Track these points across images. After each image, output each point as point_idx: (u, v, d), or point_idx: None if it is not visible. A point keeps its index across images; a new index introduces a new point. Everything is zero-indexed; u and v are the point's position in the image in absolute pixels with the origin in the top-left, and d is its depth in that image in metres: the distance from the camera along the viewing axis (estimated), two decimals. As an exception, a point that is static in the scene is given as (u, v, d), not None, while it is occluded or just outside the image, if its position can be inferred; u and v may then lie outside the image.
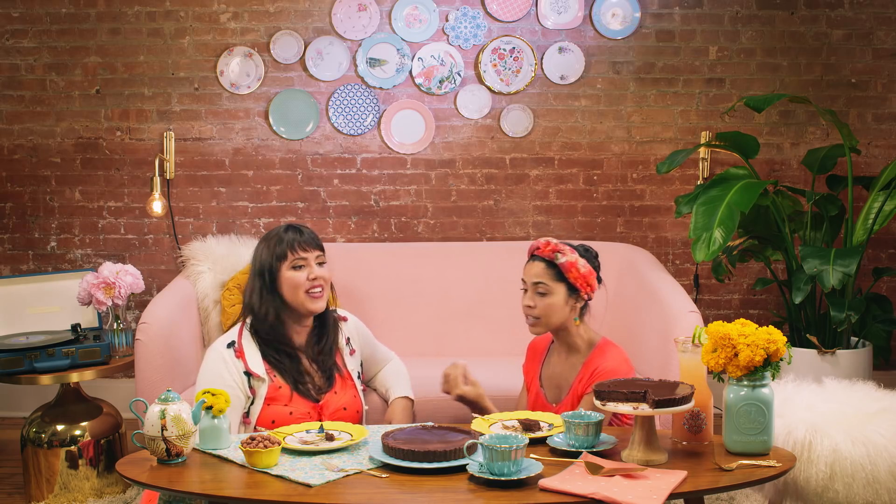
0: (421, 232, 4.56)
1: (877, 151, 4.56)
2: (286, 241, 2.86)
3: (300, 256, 2.86)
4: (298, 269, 2.86)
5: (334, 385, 2.92)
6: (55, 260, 4.57)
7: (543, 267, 2.78)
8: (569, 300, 2.78)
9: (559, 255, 2.76)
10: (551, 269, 2.77)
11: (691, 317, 3.22)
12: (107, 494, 3.53)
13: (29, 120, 4.51)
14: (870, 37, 4.50)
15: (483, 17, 4.46)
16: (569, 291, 2.78)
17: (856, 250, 3.79)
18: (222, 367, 2.83)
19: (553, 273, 2.77)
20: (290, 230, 2.89)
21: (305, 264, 2.86)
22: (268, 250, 2.89)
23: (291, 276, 2.85)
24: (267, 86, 4.47)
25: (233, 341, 2.89)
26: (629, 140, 4.55)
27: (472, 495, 2.21)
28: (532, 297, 2.79)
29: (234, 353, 2.86)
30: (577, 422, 2.44)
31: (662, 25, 4.50)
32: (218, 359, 2.86)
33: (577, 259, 2.77)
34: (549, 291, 2.77)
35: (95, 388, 4.25)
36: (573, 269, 2.76)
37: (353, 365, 3.03)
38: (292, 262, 2.85)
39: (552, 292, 2.77)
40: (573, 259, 2.76)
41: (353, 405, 2.94)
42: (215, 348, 2.89)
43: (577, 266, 2.76)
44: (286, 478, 2.31)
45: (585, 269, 2.77)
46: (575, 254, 2.78)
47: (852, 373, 3.71)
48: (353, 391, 2.97)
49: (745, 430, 2.42)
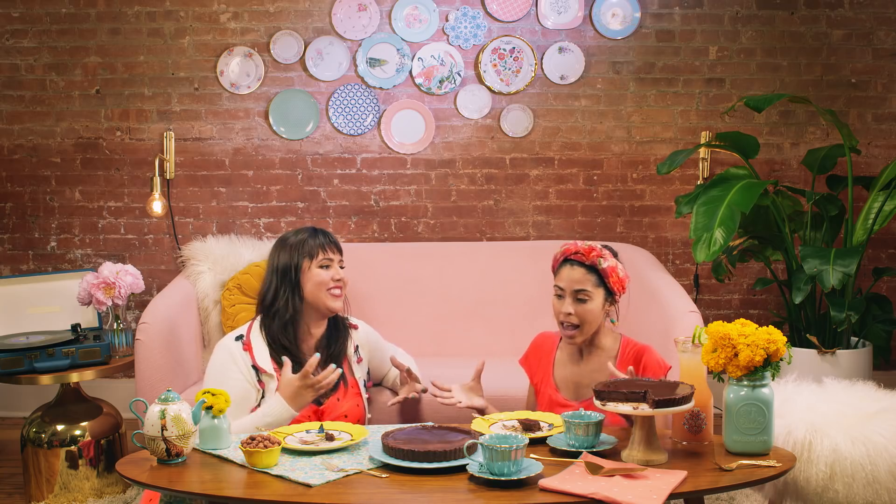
0: (421, 232, 4.56)
1: (877, 151, 4.56)
2: (317, 241, 2.96)
3: (328, 257, 2.96)
4: (324, 269, 2.95)
5: (338, 391, 2.94)
6: (55, 260, 4.57)
7: (584, 272, 2.73)
8: (605, 304, 2.77)
9: (602, 261, 2.73)
10: (592, 274, 2.73)
11: (691, 317, 3.22)
12: (107, 494, 3.53)
13: (29, 120, 4.51)
14: (870, 37, 4.50)
15: (483, 17, 4.46)
16: (606, 296, 2.76)
17: (856, 250, 3.78)
18: (228, 360, 2.88)
19: (594, 279, 2.73)
20: (318, 232, 3.00)
21: (331, 265, 2.96)
22: (294, 249, 2.96)
23: (317, 274, 2.93)
24: (267, 86, 4.47)
25: (241, 335, 2.95)
26: (629, 140, 4.55)
27: (472, 495, 2.21)
28: (572, 304, 2.74)
29: (241, 345, 2.91)
30: (577, 422, 2.44)
31: (662, 25, 4.50)
32: (225, 352, 2.91)
33: (616, 263, 2.75)
34: (589, 297, 2.73)
35: (95, 388, 4.25)
36: (614, 273, 2.74)
37: (360, 373, 3.07)
38: (320, 261, 2.95)
39: (592, 298, 2.74)
40: (614, 264, 2.74)
41: (354, 413, 2.96)
42: (223, 342, 2.95)
43: (617, 271, 2.74)
44: (286, 478, 2.31)
45: (623, 272, 2.76)
46: (613, 257, 2.77)
47: (852, 373, 3.71)
48: (356, 399, 2.99)
49: (745, 430, 2.42)
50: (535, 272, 3.88)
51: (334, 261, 2.97)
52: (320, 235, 2.99)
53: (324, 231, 3.02)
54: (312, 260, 2.94)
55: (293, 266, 2.94)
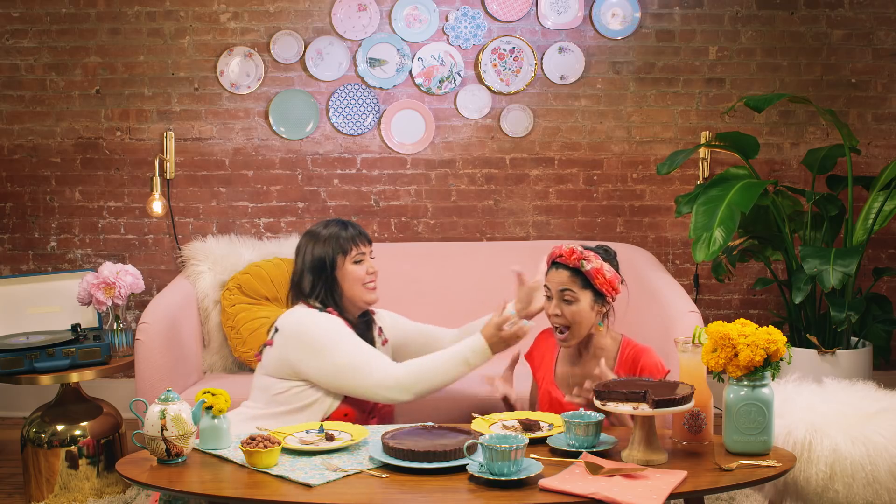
0: (421, 232, 4.56)
1: (877, 151, 4.56)
2: (349, 236, 2.93)
3: (361, 251, 2.94)
4: (358, 264, 2.93)
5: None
6: (55, 260, 4.57)
7: (569, 275, 2.75)
8: (594, 306, 2.77)
9: (585, 263, 2.73)
10: (577, 276, 2.74)
11: (691, 317, 3.21)
12: (107, 494, 3.53)
13: (29, 120, 4.51)
14: (870, 37, 4.50)
15: (483, 17, 4.46)
16: (595, 297, 2.76)
17: (856, 250, 3.78)
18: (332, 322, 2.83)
19: (579, 280, 2.74)
20: (348, 225, 2.96)
21: (364, 259, 2.94)
22: (327, 243, 2.93)
23: (353, 270, 2.92)
24: (267, 86, 4.47)
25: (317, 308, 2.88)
26: (629, 140, 4.55)
27: (472, 495, 2.21)
28: (558, 305, 2.75)
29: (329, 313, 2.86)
30: (577, 422, 2.44)
31: (662, 25, 4.50)
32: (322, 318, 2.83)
33: (602, 265, 2.75)
34: (575, 299, 2.74)
35: (95, 388, 4.25)
36: (599, 275, 2.73)
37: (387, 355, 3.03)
38: (354, 256, 2.92)
39: (579, 299, 2.74)
40: (598, 265, 2.74)
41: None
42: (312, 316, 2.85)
43: (603, 272, 2.74)
44: (286, 478, 2.31)
45: (611, 273, 2.75)
46: (599, 259, 2.76)
47: (852, 373, 3.71)
48: None
49: (745, 430, 2.42)
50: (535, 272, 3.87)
51: (366, 254, 2.95)
52: (350, 228, 2.96)
53: (352, 223, 2.99)
54: (346, 256, 2.91)
55: (328, 262, 2.91)
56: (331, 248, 2.92)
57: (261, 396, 2.90)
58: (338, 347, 2.79)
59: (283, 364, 2.84)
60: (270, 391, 2.86)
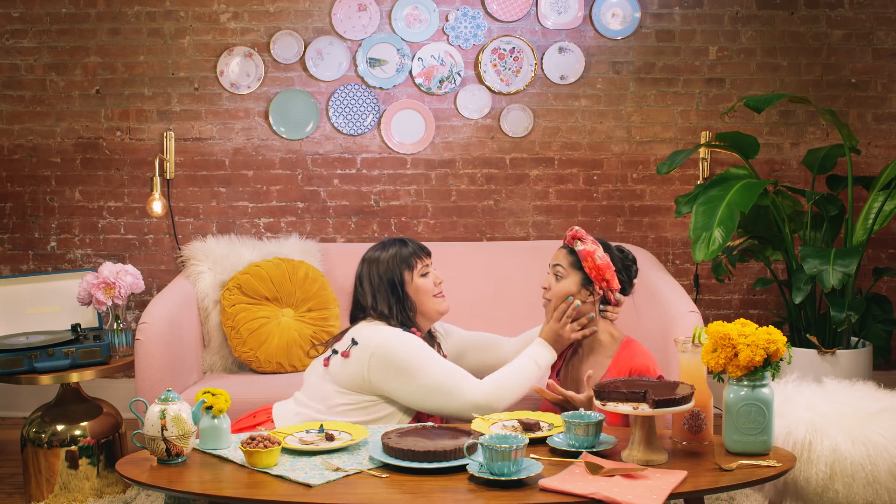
0: (421, 232, 4.56)
1: (877, 151, 4.56)
2: (410, 252, 2.94)
3: (425, 264, 2.96)
4: (425, 276, 2.95)
5: None
6: (55, 260, 4.57)
7: (565, 253, 2.87)
8: (582, 290, 2.82)
9: (578, 243, 2.83)
10: (571, 255, 2.85)
11: (691, 317, 3.21)
12: (107, 494, 3.53)
13: (29, 120, 4.51)
14: (870, 37, 4.50)
15: (483, 17, 4.46)
16: (583, 281, 2.82)
17: (856, 250, 3.78)
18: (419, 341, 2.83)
19: (572, 260, 2.84)
20: (407, 242, 2.97)
21: (429, 271, 2.97)
22: (392, 262, 2.92)
23: (422, 283, 2.94)
24: (267, 86, 4.47)
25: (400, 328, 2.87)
26: (629, 140, 4.55)
27: (472, 495, 2.21)
28: (548, 279, 2.88)
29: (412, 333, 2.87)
30: (577, 422, 2.44)
31: (662, 25, 4.50)
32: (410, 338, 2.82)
33: (595, 250, 2.81)
34: (563, 276, 2.84)
35: (95, 388, 4.25)
36: (589, 258, 2.80)
37: None
38: (420, 270, 2.94)
39: (566, 277, 2.83)
40: (591, 249, 2.80)
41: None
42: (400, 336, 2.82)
43: (594, 256, 2.80)
44: (286, 478, 2.32)
45: (602, 261, 2.80)
46: (596, 245, 2.82)
47: (852, 373, 3.71)
48: None
49: (745, 430, 2.42)
50: (535, 272, 3.86)
51: (430, 265, 2.98)
52: (410, 244, 2.97)
53: (409, 238, 3.00)
54: (413, 271, 2.92)
55: (397, 280, 2.91)
56: (396, 267, 2.92)
57: (320, 401, 2.87)
58: (427, 368, 2.77)
59: (358, 379, 2.81)
60: (333, 400, 2.84)
